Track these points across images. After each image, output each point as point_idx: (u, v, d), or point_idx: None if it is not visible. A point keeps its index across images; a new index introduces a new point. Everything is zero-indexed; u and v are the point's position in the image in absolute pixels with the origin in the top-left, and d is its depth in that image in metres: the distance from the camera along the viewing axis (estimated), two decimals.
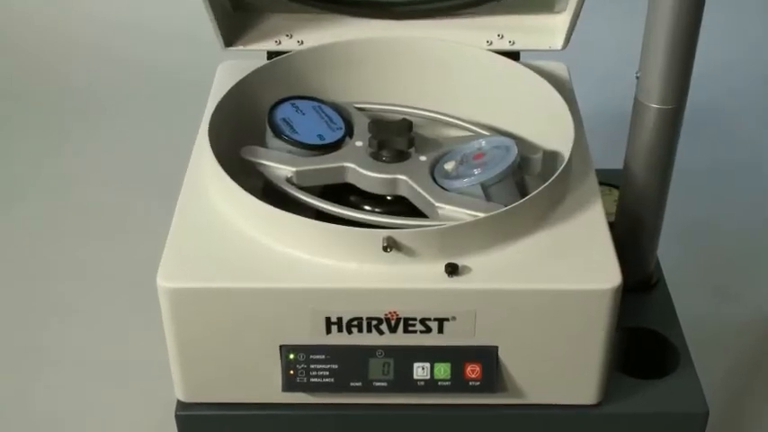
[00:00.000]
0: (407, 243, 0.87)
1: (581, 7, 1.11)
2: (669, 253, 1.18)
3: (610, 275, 0.87)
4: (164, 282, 0.87)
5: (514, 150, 0.97)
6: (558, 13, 1.15)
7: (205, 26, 1.11)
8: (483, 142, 1.00)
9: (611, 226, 1.06)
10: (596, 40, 1.79)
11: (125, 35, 2.10)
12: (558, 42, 1.14)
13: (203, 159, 0.99)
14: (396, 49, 1.12)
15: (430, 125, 1.11)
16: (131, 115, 1.94)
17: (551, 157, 1.02)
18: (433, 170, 0.99)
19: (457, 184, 0.96)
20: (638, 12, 0.99)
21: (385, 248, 0.86)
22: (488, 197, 0.95)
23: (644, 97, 0.97)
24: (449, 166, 0.99)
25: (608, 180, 1.22)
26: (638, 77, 0.98)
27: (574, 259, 0.88)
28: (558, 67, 1.15)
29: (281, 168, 0.98)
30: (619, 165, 1.08)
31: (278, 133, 1.01)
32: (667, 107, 0.97)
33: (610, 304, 0.87)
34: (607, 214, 1.10)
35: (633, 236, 1.06)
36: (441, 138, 1.06)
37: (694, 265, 1.53)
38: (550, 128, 1.04)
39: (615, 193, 1.19)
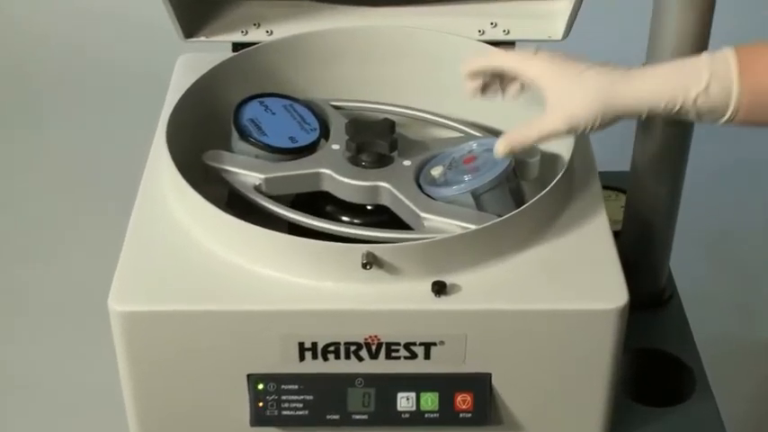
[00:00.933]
0: (389, 259, 0.87)
1: None
2: (686, 264, 1.19)
3: (615, 294, 0.87)
4: (116, 304, 0.87)
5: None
6: None
7: (164, 13, 1.11)
8: (474, 145, 1.00)
9: (618, 235, 1.07)
10: (601, 29, 1.80)
11: (74, 22, 2.08)
12: (558, 31, 1.15)
13: (160, 166, 0.98)
14: (376, 41, 1.12)
15: (415, 125, 1.11)
16: (81, 113, 1.92)
17: (550, 160, 1.02)
18: (419, 176, 0.99)
19: (445, 192, 0.96)
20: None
21: (364, 265, 0.86)
22: (480, 206, 0.95)
23: None
24: (436, 171, 0.99)
25: (614, 184, 1.23)
26: None
27: (575, 276, 0.89)
28: None
29: (248, 175, 0.98)
30: (626, 166, 1.08)
31: (244, 136, 1.01)
32: None
33: (615, 325, 0.87)
34: (613, 222, 1.11)
35: (642, 246, 1.06)
36: (427, 139, 1.06)
37: (715, 278, 1.54)
38: None
39: (622, 198, 1.20)
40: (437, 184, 0.97)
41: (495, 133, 1.09)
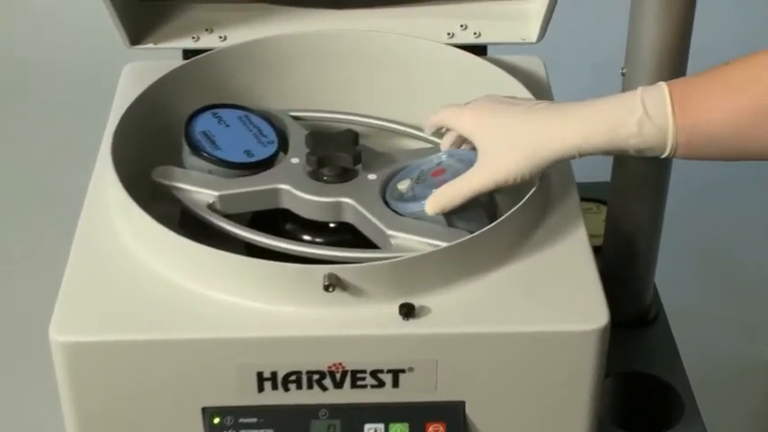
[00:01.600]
0: (353, 280, 0.87)
1: None
2: (672, 280, 1.21)
3: (595, 314, 0.88)
4: (57, 334, 0.87)
5: None
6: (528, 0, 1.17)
7: (107, 18, 1.12)
8: (443, 156, 1.02)
9: (599, 250, 1.08)
10: (578, 30, 1.83)
11: (7, 25, 2.07)
12: (531, 33, 1.16)
13: (105, 183, 0.98)
14: (338, 46, 1.13)
15: (380, 136, 1.12)
16: (17, 125, 1.92)
17: None
18: (385, 191, 1.00)
19: (413, 207, 0.97)
20: None
21: (326, 287, 0.87)
22: (451, 223, 0.96)
23: None
24: (403, 185, 1.00)
25: (595, 195, 1.24)
26: (623, 74, 1.00)
27: (552, 295, 0.90)
28: (533, 63, 1.17)
29: (200, 193, 0.98)
30: (608, 176, 1.10)
31: (197, 150, 1.01)
32: None
33: (596, 347, 0.88)
34: (595, 236, 1.13)
35: (625, 261, 1.08)
36: (394, 151, 1.07)
37: (704, 295, 1.56)
38: None
39: (604, 210, 1.21)
40: (405, 199, 0.98)
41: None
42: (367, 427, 0.91)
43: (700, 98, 0.84)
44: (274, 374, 0.88)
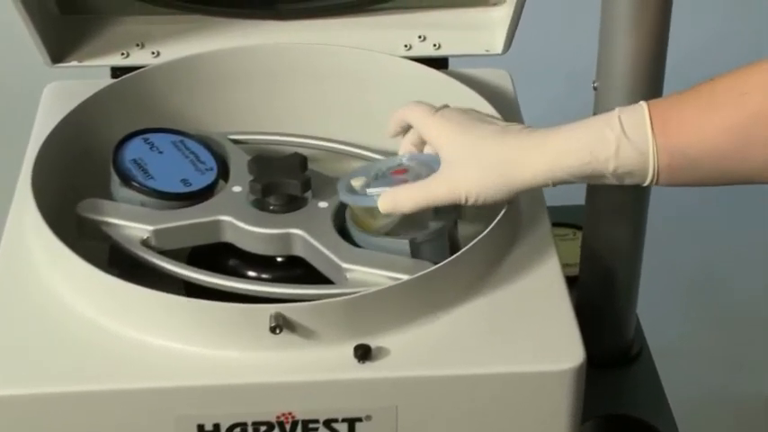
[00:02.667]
0: (303, 320, 0.89)
1: None
2: (657, 314, 1.22)
3: (569, 352, 0.89)
4: None
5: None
6: (495, 5, 1.19)
7: (25, 33, 1.12)
8: (404, 159, 1.03)
9: (575, 281, 1.10)
10: (550, 38, 1.85)
11: None
12: (497, 44, 1.19)
13: (26, 218, 0.99)
14: (284, 61, 1.15)
15: (331, 159, 1.14)
16: None
17: None
18: (337, 218, 1.02)
19: (364, 200, 0.98)
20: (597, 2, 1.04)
21: (273, 329, 0.88)
22: (416, 255, 0.98)
23: (603, 112, 1.01)
24: (357, 182, 1.01)
25: (571, 220, 1.27)
26: (595, 88, 1.03)
27: (522, 332, 0.91)
28: (499, 76, 1.20)
29: (132, 227, 0.99)
30: (584, 199, 1.12)
31: (127, 180, 1.03)
32: None
33: (571, 388, 0.89)
34: (571, 266, 1.15)
35: (603, 293, 1.10)
36: (346, 175, 1.07)
37: (692, 329, 1.58)
38: None
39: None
40: (356, 192, 1.00)
41: None
42: None
43: (682, 118, 0.86)
44: (217, 426, 0.89)
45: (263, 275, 1.01)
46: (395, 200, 0.96)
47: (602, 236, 1.08)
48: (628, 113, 0.88)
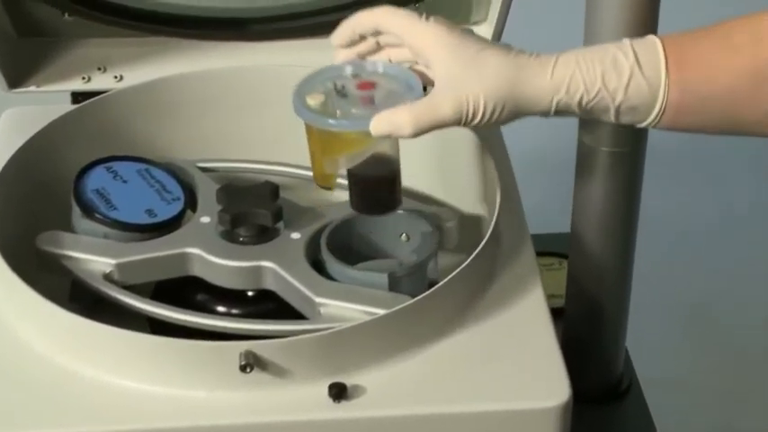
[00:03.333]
0: (275, 358, 0.89)
1: (506, 16, 1.16)
2: (648, 346, 1.23)
3: (554, 388, 0.90)
4: None
5: (419, 89, 0.93)
6: (476, 23, 1.20)
7: None
8: (379, 66, 0.96)
9: (560, 313, 1.11)
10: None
11: None
12: None
13: None
14: (253, 83, 1.16)
15: (303, 187, 1.15)
16: None
17: (472, 223, 1.07)
18: (311, 250, 1.02)
19: (344, 124, 0.94)
20: (581, 20, 1.05)
21: (244, 367, 0.88)
22: (393, 289, 0.98)
23: (589, 138, 1.04)
24: (314, 100, 0.94)
25: (557, 249, 1.27)
26: None
27: (505, 368, 0.92)
28: None
29: (95, 261, 1.00)
30: (569, 226, 1.13)
31: (89, 211, 1.03)
32: (621, 150, 1.04)
33: (557, 427, 0.90)
34: (557, 296, 1.16)
35: (590, 325, 1.11)
36: (320, 204, 1.09)
37: (686, 362, 1.58)
38: (468, 184, 1.09)
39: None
40: (325, 114, 0.93)
41: (406, 194, 1.11)
42: None
43: (696, 55, 0.86)
44: None
45: (233, 311, 1.02)
46: (393, 122, 0.90)
47: (588, 264, 1.09)
48: (640, 44, 0.87)
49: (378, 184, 0.99)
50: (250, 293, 1.02)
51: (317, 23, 1.19)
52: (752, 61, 0.85)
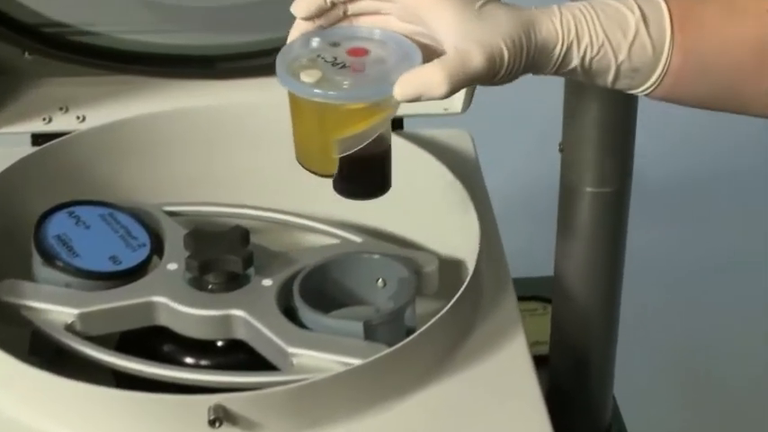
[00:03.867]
0: (245, 412, 0.89)
1: None
2: (638, 394, 1.23)
3: None
4: None
5: (418, 58, 0.87)
6: None
7: None
8: (377, 32, 0.89)
9: (545, 360, 1.11)
10: (512, 97, 1.88)
11: None
12: (455, 103, 1.20)
13: None
14: (221, 123, 1.17)
15: (275, 231, 1.15)
16: None
17: (451, 268, 1.07)
18: (283, 297, 1.02)
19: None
20: None
21: (213, 422, 0.88)
22: (369, 337, 0.98)
23: (572, 178, 1.05)
24: (310, 76, 0.86)
25: (541, 293, 1.28)
26: (561, 150, 1.05)
27: (486, 420, 0.91)
28: (458, 138, 1.22)
29: (56, 311, 0.99)
30: (552, 269, 1.14)
31: (50, 258, 1.03)
32: (605, 190, 1.05)
33: None
34: (541, 343, 1.16)
35: (575, 374, 1.11)
36: (293, 249, 1.10)
37: (679, 412, 1.58)
38: (447, 226, 1.09)
39: None
40: (331, 87, 0.85)
41: (382, 237, 1.14)
42: None
43: (703, 19, 0.86)
44: None
45: (202, 362, 1.02)
46: (424, 82, 0.84)
47: (572, 309, 1.10)
48: (644, 2, 0.86)
49: (368, 164, 0.91)
50: (219, 343, 1.02)
51: None
52: (758, 34, 0.84)
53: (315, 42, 0.88)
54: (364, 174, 0.91)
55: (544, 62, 0.85)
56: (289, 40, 0.89)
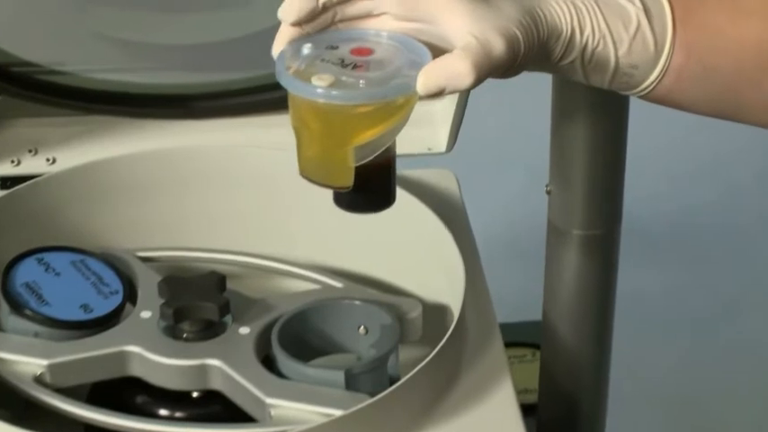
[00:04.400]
0: None
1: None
2: None
3: None
4: None
5: (426, 52, 0.84)
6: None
7: None
8: (371, 32, 0.87)
9: (533, 409, 1.11)
10: (497, 136, 1.88)
11: None
12: (440, 142, 1.22)
13: None
14: (196, 165, 1.17)
15: (253, 277, 1.16)
16: None
17: (435, 313, 1.07)
18: (261, 345, 1.02)
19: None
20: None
21: None
22: (350, 386, 0.98)
23: (560, 220, 1.05)
24: (323, 80, 0.82)
25: (529, 338, 1.28)
26: (548, 192, 1.05)
27: None
28: (443, 178, 1.22)
29: (24, 362, 0.99)
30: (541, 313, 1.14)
31: (18, 307, 1.03)
32: (594, 232, 1.06)
33: None
34: (530, 392, 1.17)
35: (565, 423, 1.11)
36: (271, 295, 1.10)
37: None
38: (431, 270, 1.10)
39: None
40: (346, 87, 0.83)
41: (364, 282, 1.15)
42: None
43: (703, 16, 0.86)
44: None
45: (177, 414, 1.02)
46: (449, 73, 0.82)
47: (562, 356, 1.10)
48: (649, 1, 0.86)
49: (377, 173, 0.87)
50: (195, 394, 1.02)
51: (262, 100, 1.21)
52: (762, 33, 0.85)
53: (307, 49, 0.85)
54: (373, 184, 0.88)
55: (551, 48, 0.84)
56: (275, 49, 0.85)
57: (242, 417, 0.99)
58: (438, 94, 0.82)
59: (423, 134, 1.21)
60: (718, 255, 2.06)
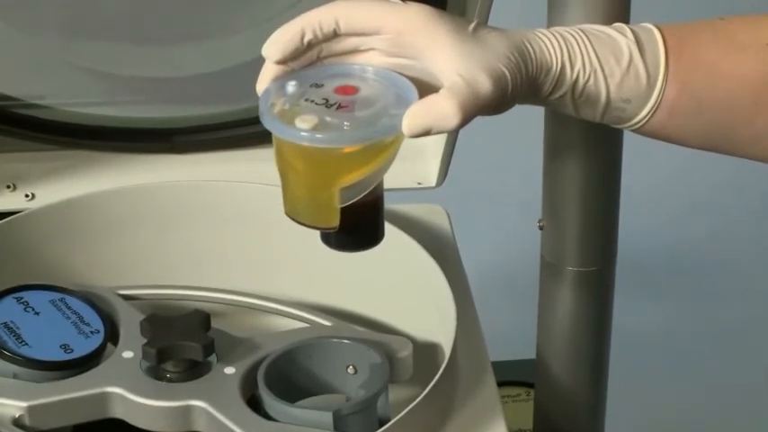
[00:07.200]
0: None
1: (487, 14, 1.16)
2: None
3: None
4: None
5: (412, 90, 0.86)
6: None
7: None
8: (356, 67, 0.88)
9: None
10: (489, 170, 1.89)
11: None
12: (429, 176, 1.23)
13: None
14: (179, 201, 1.17)
15: (239, 315, 1.16)
16: None
17: (426, 352, 1.07)
18: (246, 386, 1.02)
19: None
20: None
21: None
22: (341, 428, 0.98)
23: (553, 256, 1.06)
24: (306, 122, 0.83)
25: (523, 377, 1.28)
26: (541, 228, 1.06)
27: None
28: (433, 213, 1.23)
29: (2, 404, 0.99)
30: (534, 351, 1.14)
31: None
32: (588, 269, 1.06)
33: None
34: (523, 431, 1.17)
35: None
36: (257, 334, 1.09)
37: None
38: (422, 308, 1.10)
39: None
40: (330, 129, 0.84)
41: (353, 320, 1.15)
42: None
43: (696, 49, 0.86)
44: None
45: None
46: (435, 114, 0.82)
47: (556, 395, 1.10)
48: (640, 32, 0.87)
49: (364, 212, 0.89)
50: None
51: (246, 134, 1.22)
52: (757, 70, 0.86)
53: (291, 87, 0.86)
54: (360, 224, 0.90)
55: (540, 83, 0.85)
56: (259, 87, 0.87)
57: None
58: (424, 134, 0.83)
59: (412, 168, 1.22)
60: (714, 289, 2.08)
